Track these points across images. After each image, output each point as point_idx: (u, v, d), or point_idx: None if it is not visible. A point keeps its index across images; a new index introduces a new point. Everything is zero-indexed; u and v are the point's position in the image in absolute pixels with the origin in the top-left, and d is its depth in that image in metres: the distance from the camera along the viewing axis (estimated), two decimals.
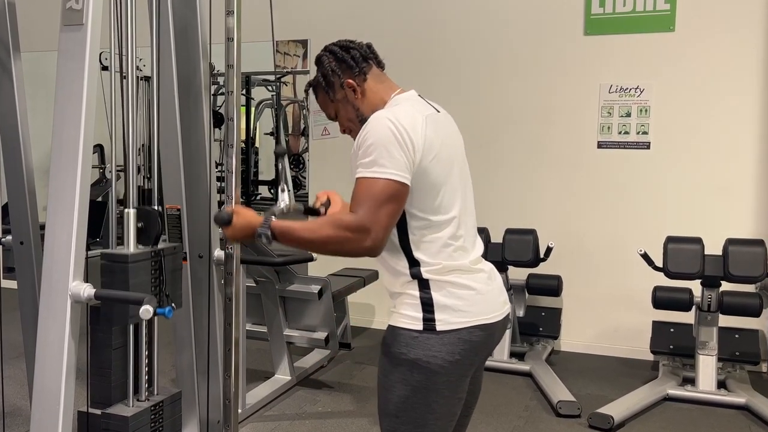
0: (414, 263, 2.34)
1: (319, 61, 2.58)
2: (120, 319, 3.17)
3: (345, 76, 2.51)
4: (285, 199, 2.67)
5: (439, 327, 2.31)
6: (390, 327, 2.41)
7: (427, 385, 2.33)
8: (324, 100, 2.60)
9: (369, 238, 2.18)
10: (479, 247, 2.52)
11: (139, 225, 3.29)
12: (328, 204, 2.75)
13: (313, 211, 2.73)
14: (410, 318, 2.34)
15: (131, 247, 3.26)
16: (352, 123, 2.56)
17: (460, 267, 2.37)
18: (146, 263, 3.24)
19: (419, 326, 2.32)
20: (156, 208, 3.40)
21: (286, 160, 2.96)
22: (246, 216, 2.41)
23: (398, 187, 2.21)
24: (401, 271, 2.36)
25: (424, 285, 2.33)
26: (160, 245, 3.38)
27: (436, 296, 2.32)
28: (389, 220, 2.22)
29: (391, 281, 2.44)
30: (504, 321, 2.50)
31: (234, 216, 2.40)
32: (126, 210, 3.27)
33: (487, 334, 2.41)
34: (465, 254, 2.41)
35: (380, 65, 2.59)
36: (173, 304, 3.33)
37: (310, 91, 2.69)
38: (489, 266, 2.53)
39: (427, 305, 2.32)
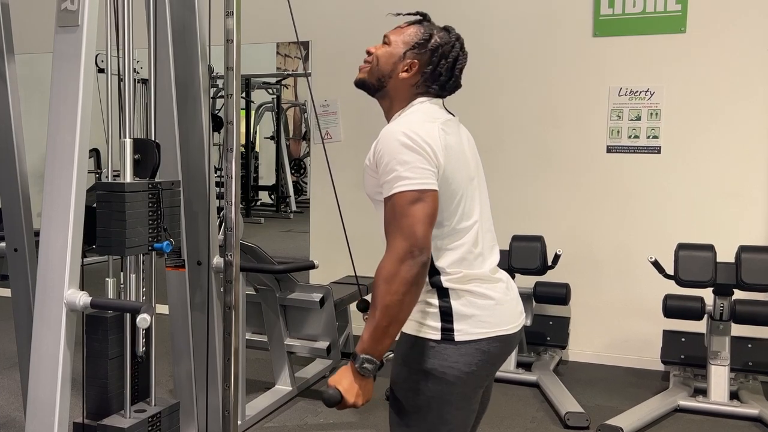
0: (435, 272, 2.33)
1: (448, 31, 2.52)
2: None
3: (425, 58, 2.44)
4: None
5: (458, 337, 2.30)
6: (405, 335, 2.39)
7: (443, 396, 2.32)
8: (406, 34, 2.49)
9: (412, 255, 2.15)
10: (496, 254, 2.52)
11: (136, 157, 3.27)
12: None
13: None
14: (428, 327, 2.33)
15: (128, 177, 3.23)
16: (377, 66, 2.48)
17: (480, 276, 2.37)
18: (143, 195, 3.21)
19: (437, 336, 2.31)
20: (153, 140, 3.36)
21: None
22: (342, 376, 2.29)
23: (422, 194, 2.18)
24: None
25: (443, 294, 2.33)
26: (158, 179, 3.36)
27: (456, 305, 2.31)
28: (424, 222, 2.18)
29: None
30: (520, 332, 2.50)
31: (338, 387, 2.28)
32: (122, 140, 3.24)
33: (505, 345, 2.40)
34: (484, 262, 2.41)
35: (437, 94, 2.49)
36: (171, 239, 3.32)
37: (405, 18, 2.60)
38: (506, 275, 2.52)
39: (447, 315, 2.31)
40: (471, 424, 2.47)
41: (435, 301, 2.33)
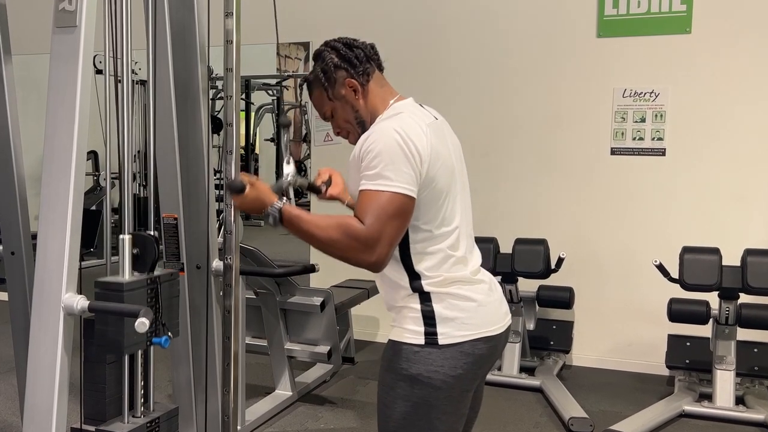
0: (415, 276, 2.35)
1: (319, 55, 2.56)
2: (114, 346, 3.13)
3: (347, 74, 2.50)
4: (290, 170, 2.67)
5: (441, 341, 2.32)
6: (391, 342, 2.42)
7: (429, 401, 2.33)
8: (320, 98, 2.58)
9: (374, 253, 2.19)
10: (477, 256, 2.54)
11: (135, 251, 3.27)
12: (329, 183, 2.82)
13: (314, 189, 2.80)
14: (412, 332, 2.35)
15: (126, 274, 3.21)
16: (350, 125, 2.56)
17: (461, 278, 2.38)
18: (142, 291, 3.19)
19: (421, 341, 2.33)
20: (152, 233, 3.37)
21: (291, 131, 2.98)
22: (260, 190, 2.41)
23: (404, 200, 2.22)
24: (402, 285, 2.37)
25: (425, 298, 2.35)
26: (157, 271, 3.34)
27: (438, 309, 2.33)
28: (395, 235, 2.23)
29: (390, 295, 2.45)
30: (506, 333, 2.51)
31: (248, 187, 2.40)
32: (121, 236, 3.23)
33: (490, 346, 2.41)
34: (465, 265, 2.42)
35: (380, 68, 2.59)
36: (170, 333, 3.31)
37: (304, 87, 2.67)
38: (488, 276, 2.54)
39: (429, 318, 2.33)
40: (460, 430, 2.48)
41: (417, 305, 2.35)
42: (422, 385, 2.31)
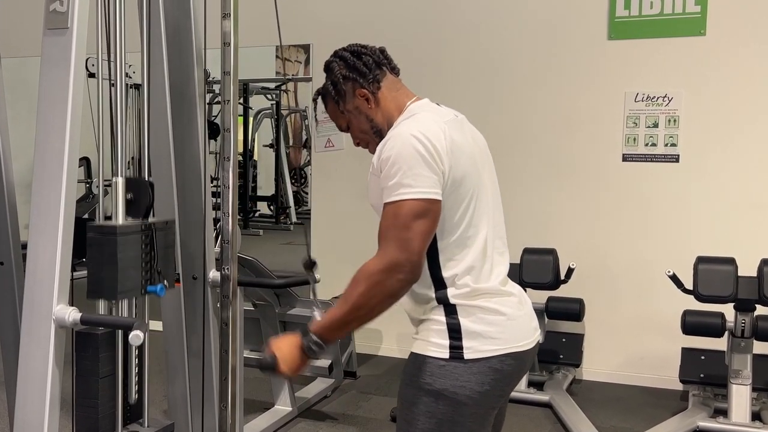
0: (441, 285, 2.33)
1: (328, 68, 2.58)
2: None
3: (357, 84, 2.50)
4: (317, 317, 2.61)
5: (467, 355, 2.29)
6: (413, 355, 2.39)
7: (453, 418, 2.31)
8: (334, 111, 2.59)
9: (402, 270, 2.17)
10: (506, 263, 2.51)
11: (128, 196, 3.27)
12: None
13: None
14: (436, 345, 2.32)
15: (120, 219, 3.22)
16: (366, 135, 2.56)
17: (489, 290, 2.36)
18: (136, 236, 3.20)
19: (446, 354, 2.30)
20: (147, 179, 3.36)
21: (315, 273, 2.93)
22: (285, 343, 2.36)
23: (427, 204, 2.20)
24: (426, 295, 2.35)
25: (450, 310, 2.32)
26: (151, 219, 3.35)
27: (464, 322, 2.31)
28: (422, 240, 2.21)
29: (413, 307, 2.43)
30: (534, 349, 2.49)
31: (276, 353, 2.35)
32: (114, 179, 3.24)
33: (519, 362, 2.39)
34: (493, 274, 2.40)
35: (394, 71, 2.59)
36: (165, 282, 3.31)
37: (318, 100, 2.67)
38: (518, 289, 2.52)
39: (455, 332, 2.31)
40: None
41: (442, 317, 2.33)
42: (447, 401, 2.29)
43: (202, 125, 3.85)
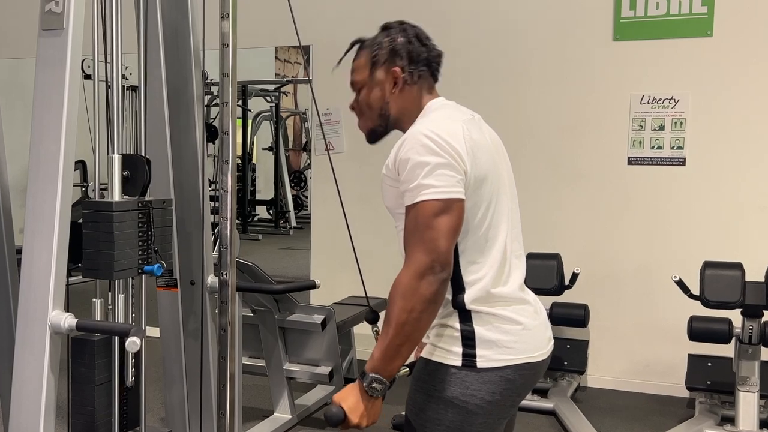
0: (459, 289, 2.30)
1: (387, 28, 2.56)
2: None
3: (398, 64, 2.47)
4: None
5: (480, 364, 2.28)
6: (423, 360, 2.38)
7: (462, 426, 2.30)
8: (360, 66, 2.55)
9: (433, 271, 2.13)
10: (523, 267, 2.50)
11: (125, 173, 3.26)
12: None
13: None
14: (448, 352, 2.31)
15: (116, 195, 3.20)
16: (370, 110, 2.53)
17: (507, 295, 2.35)
18: (133, 214, 3.18)
19: (458, 362, 2.29)
20: (144, 155, 3.35)
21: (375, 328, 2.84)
22: (347, 392, 2.28)
23: (449, 203, 2.17)
24: (445, 299, 2.30)
25: (465, 317, 2.30)
26: (148, 197, 3.34)
27: (479, 330, 2.29)
28: (447, 237, 2.17)
29: None
30: (548, 360, 2.47)
31: (342, 404, 2.26)
32: (110, 155, 3.23)
33: (531, 373, 2.38)
34: (511, 278, 2.39)
35: (435, 78, 2.55)
36: (162, 262, 3.31)
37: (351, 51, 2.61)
38: (533, 297, 2.51)
39: (469, 339, 2.29)
40: None
41: (456, 324, 2.31)
42: (456, 409, 2.28)
43: (200, 128, 3.85)
